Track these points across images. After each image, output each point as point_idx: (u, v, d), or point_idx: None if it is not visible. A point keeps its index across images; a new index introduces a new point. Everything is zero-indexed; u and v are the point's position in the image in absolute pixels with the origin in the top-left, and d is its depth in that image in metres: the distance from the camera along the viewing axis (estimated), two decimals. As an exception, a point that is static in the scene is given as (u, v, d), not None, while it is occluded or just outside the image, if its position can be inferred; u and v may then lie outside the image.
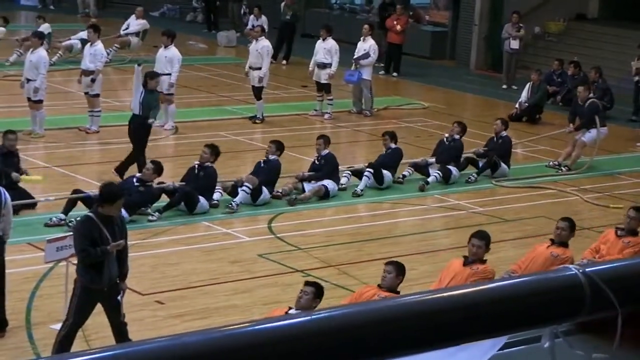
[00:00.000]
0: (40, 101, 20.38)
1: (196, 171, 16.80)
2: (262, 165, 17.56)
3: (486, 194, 19.03)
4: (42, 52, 20.88)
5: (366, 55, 24.38)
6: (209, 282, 13.89)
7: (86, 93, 21.05)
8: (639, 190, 19.93)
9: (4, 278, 11.95)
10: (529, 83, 25.61)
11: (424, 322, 3.03)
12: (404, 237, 16.51)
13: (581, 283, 3.25)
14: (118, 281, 11.13)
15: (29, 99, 20.37)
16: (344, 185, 18.27)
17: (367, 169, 18.34)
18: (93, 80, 20.75)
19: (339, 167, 18.34)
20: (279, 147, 17.73)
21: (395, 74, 29.59)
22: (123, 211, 14.10)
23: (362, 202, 18.09)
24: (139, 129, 17.92)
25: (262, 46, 23.36)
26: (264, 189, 17.06)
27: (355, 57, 24.47)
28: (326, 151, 18.19)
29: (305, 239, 15.94)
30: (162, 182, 16.51)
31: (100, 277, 10.91)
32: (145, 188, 15.92)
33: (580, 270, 3.28)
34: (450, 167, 19.09)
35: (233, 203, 16.72)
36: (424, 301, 3.07)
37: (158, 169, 16.08)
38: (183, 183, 16.58)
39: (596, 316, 3.35)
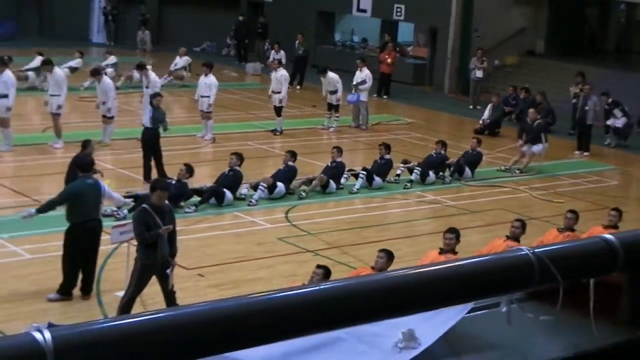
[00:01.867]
0: (112, 117, 20.46)
1: (226, 172, 16.82)
2: (282, 169, 17.58)
3: (456, 191, 18.99)
4: (107, 80, 20.97)
5: (363, 82, 24.43)
6: (239, 259, 13.87)
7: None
8: (575, 188, 19.89)
9: (97, 254, 12.01)
10: (490, 104, 25.55)
11: (407, 291, 3.01)
12: (392, 225, 16.47)
13: (531, 261, 3.23)
14: (169, 258, 11.14)
15: (103, 116, 20.45)
16: (342, 186, 18.22)
17: (362, 172, 18.33)
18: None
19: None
20: (293, 154, 17.75)
21: (385, 96, 29.53)
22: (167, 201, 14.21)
23: (358, 198, 18.05)
24: (150, 139, 17.80)
25: (281, 75, 23.41)
26: (279, 184, 17.07)
27: (354, 83, 24.47)
28: (339, 159, 18.19)
29: (315, 225, 15.90)
30: (198, 185, 16.53)
31: (155, 255, 10.92)
32: (180, 184, 15.92)
33: (531, 251, 3.26)
34: (430, 174, 19.04)
35: (253, 199, 16.72)
36: (408, 275, 3.06)
37: (190, 169, 16.05)
38: (215, 184, 16.58)
39: (543, 287, 3.34)
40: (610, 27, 37.45)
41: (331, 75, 24.33)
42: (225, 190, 16.43)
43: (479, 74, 28.80)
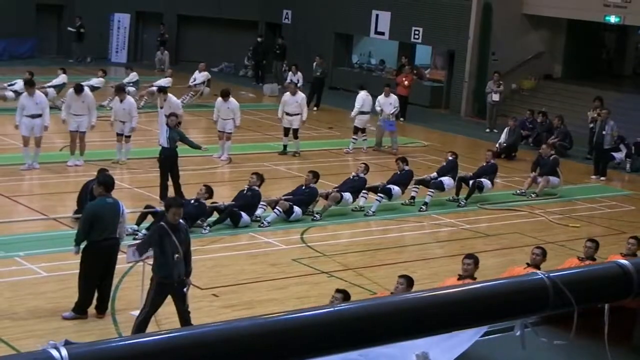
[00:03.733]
0: (129, 136, 20.63)
1: (245, 192, 16.84)
2: (303, 188, 17.59)
3: (472, 214, 18.95)
4: (130, 99, 21.18)
5: (396, 108, 24.80)
6: (253, 279, 13.87)
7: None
8: (591, 213, 19.82)
9: (113, 273, 12.06)
10: (506, 128, 25.53)
11: (422, 314, 3.02)
12: (406, 247, 16.44)
13: (546, 285, 3.23)
14: (184, 278, 11.16)
15: (120, 135, 20.58)
16: (362, 207, 18.19)
17: (379, 194, 18.29)
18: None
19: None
20: (315, 175, 17.75)
21: (402, 119, 29.52)
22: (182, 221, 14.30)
23: (374, 220, 18.03)
24: (168, 159, 17.86)
25: (302, 98, 23.54)
26: (297, 209, 17.06)
27: (391, 112, 24.44)
28: (362, 175, 18.19)
29: (330, 247, 15.90)
30: (215, 202, 16.55)
31: (171, 274, 10.95)
32: (198, 204, 15.97)
33: (546, 275, 3.27)
34: (443, 179, 19.07)
35: (265, 221, 16.72)
36: (423, 297, 3.07)
37: (209, 190, 16.19)
38: (233, 202, 16.60)
39: (558, 311, 3.34)
40: (628, 52, 37.43)
41: (367, 95, 24.44)
42: (241, 212, 16.43)
43: (495, 97, 28.81)
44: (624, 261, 3.52)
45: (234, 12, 37.43)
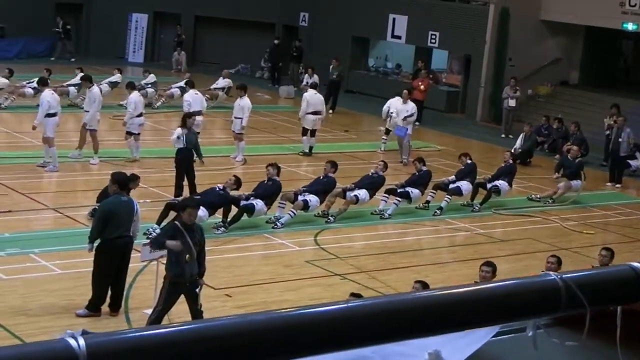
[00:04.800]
0: (136, 133, 20.72)
1: (266, 181, 16.88)
2: (321, 178, 17.61)
3: (486, 219, 18.93)
4: (135, 95, 21.27)
5: (411, 115, 23.90)
6: (267, 281, 13.92)
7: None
8: (606, 220, 19.79)
9: (127, 271, 12.12)
10: (522, 133, 25.51)
11: (434, 312, 3.05)
12: (420, 251, 16.47)
13: (559, 286, 3.25)
14: (197, 278, 11.21)
15: (129, 133, 20.70)
16: (382, 210, 18.16)
17: (396, 198, 18.28)
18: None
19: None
20: (333, 165, 17.73)
21: (417, 123, 29.46)
22: (204, 210, 14.37)
23: (387, 223, 18.04)
24: (184, 160, 17.89)
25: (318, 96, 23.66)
26: (312, 199, 17.03)
27: (404, 116, 23.76)
28: (381, 173, 18.23)
29: (343, 249, 15.92)
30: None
31: (184, 274, 11.01)
32: (224, 193, 16.03)
33: (558, 277, 3.29)
34: (461, 184, 19.05)
35: (278, 223, 16.75)
36: (436, 296, 3.10)
37: (238, 181, 16.32)
38: (253, 193, 16.60)
39: (570, 312, 3.36)
40: (646, 60, 37.33)
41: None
42: (255, 203, 16.40)
43: (511, 102, 28.78)
44: (637, 264, 3.54)
45: (252, 14, 37.52)
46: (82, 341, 2.45)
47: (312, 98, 23.66)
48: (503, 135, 28.67)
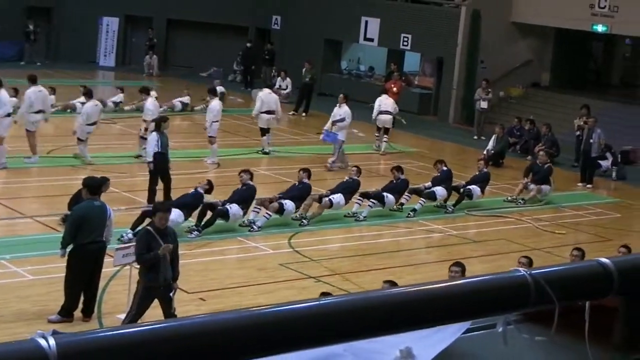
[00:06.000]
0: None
1: (241, 187, 16.91)
2: (296, 185, 17.71)
3: (459, 221, 19.02)
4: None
5: (342, 120, 22.98)
6: (240, 284, 13.91)
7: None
8: (577, 220, 19.94)
9: (99, 276, 12.06)
10: (494, 135, 25.67)
11: (405, 309, 3.07)
12: (394, 253, 16.50)
13: (528, 282, 3.27)
14: (171, 282, 11.19)
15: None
16: (355, 212, 18.24)
17: (371, 200, 18.33)
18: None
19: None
20: (306, 171, 17.84)
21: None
22: (179, 213, 14.31)
23: (362, 225, 18.09)
24: (159, 164, 17.82)
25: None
26: (288, 204, 17.12)
27: (333, 120, 23.03)
28: (356, 177, 18.35)
29: (317, 252, 15.94)
30: (210, 201, 16.57)
31: (157, 278, 10.98)
32: (197, 194, 16.14)
33: (527, 272, 3.31)
34: (437, 190, 19.18)
35: (254, 226, 16.75)
36: (406, 292, 3.12)
37: (210, 183, 16.47)
38: (226, 200, 16.60)
39: (539, 308, 3.38)
40: (615, 62, 37.66)
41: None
42: (229, 207, 16.39)
43: (483, 104, 28.95)
44: (605, 260, 3.57)
45: (224, 17, 37.47)
46: (52, 341, 2.44)
47: (267, 97, 23.74)
48: (475, 137, 28.83)
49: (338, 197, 17.87)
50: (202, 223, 16.16)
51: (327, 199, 17.72)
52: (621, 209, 21.39)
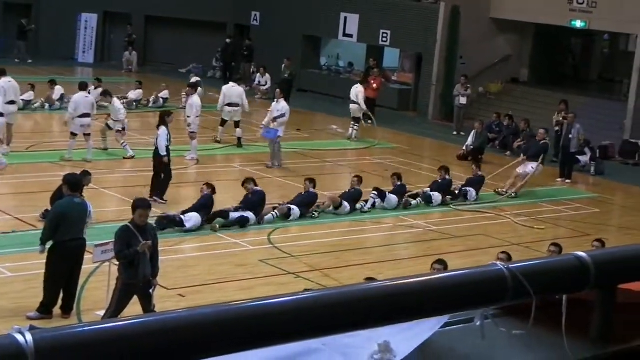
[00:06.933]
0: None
1: (249, 195, 17.24)
2: (303, 194, 18.10)
3: (439, 216, 19.09)
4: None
5: (282, 115, 22.22)
6: (220, 280, 13.89)
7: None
8: (556, 215, 20.04)
9: (79, 273, 12.01)
10: (473, 130, 25.73)
11: (383, 303, 3.08)
12: (373, 249, 16.52)
13: (505, 276, 3.30)
14: (151, 278, 11.16)
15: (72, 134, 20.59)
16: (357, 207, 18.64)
17: (373, 191, 18.92)
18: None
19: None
20: (312, 181, 18.20)
21: (370, 121, 29.63)
22: (197, 215, 15.54)
23: (341, 221, 18.10)
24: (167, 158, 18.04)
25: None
26: (295, 208, 17.62)
27: (273, 116, 22.26)
28: (357, 187, 18.71)
29: (297, 248, 15.94)
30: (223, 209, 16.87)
31: (136, 275, 10.94)
32: (203, 199, 16.51)
33: (505, 266, 3.34)
34: (433, 194, 19.57)
35: (262, 221, 17.19)
36: (384, 287, 3.13)
37: (211, 187, 16.75)
38: (241, 205, 17.04)
39: (517, 302, 3.41)
40: (594, 57, 37.87)
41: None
42: (247, 215, 16.89)
43: (463, 100, 29.03)
44: (582, 254, 3.60)
45: (203, 14, 37.37)
46: (29, 336, 2.44)
47: (229, 90, 24.17)
48: (455, 133, 28.91)
49: (345, 204, 18.32)
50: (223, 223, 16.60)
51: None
52: (599, 204, 21.51)
